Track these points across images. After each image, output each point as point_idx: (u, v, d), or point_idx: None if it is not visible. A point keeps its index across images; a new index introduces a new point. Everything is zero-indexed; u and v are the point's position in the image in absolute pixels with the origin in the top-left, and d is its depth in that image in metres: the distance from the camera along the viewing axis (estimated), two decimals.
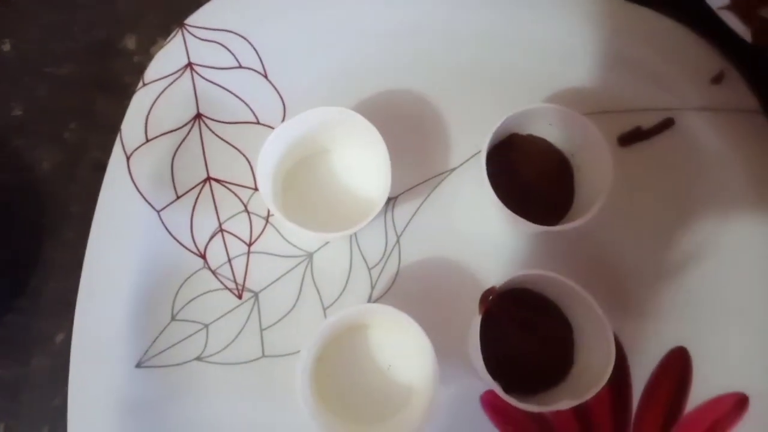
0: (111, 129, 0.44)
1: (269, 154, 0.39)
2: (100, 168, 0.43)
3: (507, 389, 0.36)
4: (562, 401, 0.36)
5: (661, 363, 0.42)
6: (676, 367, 0.42)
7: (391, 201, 0.44)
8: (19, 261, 0.44)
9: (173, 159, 0.43)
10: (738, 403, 0.41)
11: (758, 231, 0.43)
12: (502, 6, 0.46)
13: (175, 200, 0.43)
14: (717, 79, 0.45)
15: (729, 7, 0.43)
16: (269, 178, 0.40)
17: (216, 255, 0.43)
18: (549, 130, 0.43)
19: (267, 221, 0.43)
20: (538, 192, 0.42)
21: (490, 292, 0.38)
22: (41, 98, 0.47)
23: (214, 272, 0.43)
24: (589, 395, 0.36)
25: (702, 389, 0.41)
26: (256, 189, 0.44)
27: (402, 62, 0.46)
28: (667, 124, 0.45)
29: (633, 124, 0.45)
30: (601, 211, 0.39)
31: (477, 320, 0.37)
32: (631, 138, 0.45)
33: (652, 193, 0.44)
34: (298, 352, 0.38)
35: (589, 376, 0.37)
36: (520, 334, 0.40)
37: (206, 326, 0.42)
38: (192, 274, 0.42)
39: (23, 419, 0.42)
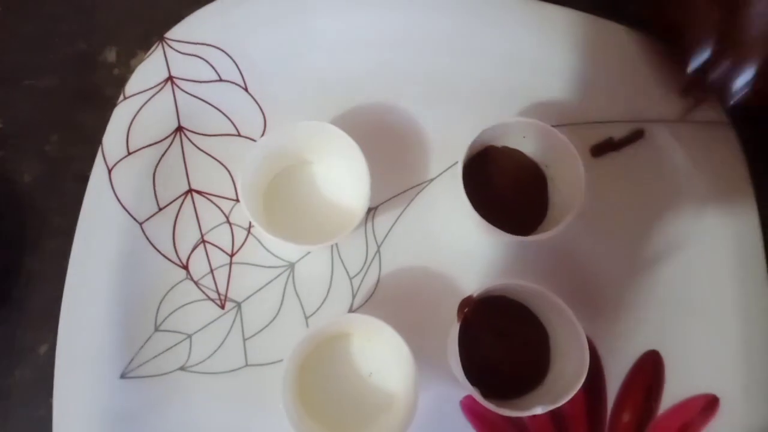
0: (92, 141, 0.44)
1: (250, 167, 0.40)
2: (82, 180, 0.43)
3: (485, 394, 0.37)
4: (538, 406, 0.37)
5: (634, 366, 0.43)
6: (649, 370, 0.43)
7: (371, 211, 0.45)
8: (1, 272, 0.44)
9: (155, 171, 0.44)
10: (709, 404, 0.42)
11: (725, 238, 0.45)
12: (476, 20, 0.47)
13: (158, 212, 0.43)
14: (686, 92, 0.46)
15: None
16: (251, 191, 0.40)
17: (198, 266, 0.43)
18: (523, 142, 0.44)
19: (249, 232, 0.44)
20: (513, 202, 0.43)
21: (467, 300, 0.39)
22: (22, 111, 0.47)
23: (196, 283, 0.43)
24: (564, 400, 0.37)
25: (674, 391, 0.43)
26: (237, 200, 0.44)
27: (380, 74, 0.47)
28: (637, 135, 0.46)
29: (604, 135, 0.46)
30: (574, 220, 0.40)
31: (455, 328, 0.38)
32: (602, 149, 0.46)
33: (623, 202, 0.45)
34: (281, 360, 0.38)
35: (564, 381, 0.38)
36: (497, 341, 0.41)
37: (189, 336, 0.42)
38: (175, 285, 0.43)
39: (7, 431, 0.42)
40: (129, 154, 0.43)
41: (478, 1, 0.47)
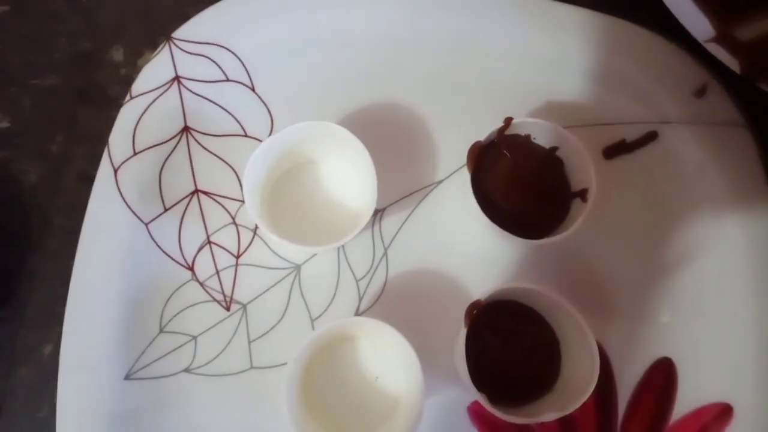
0: (97, 141, 0.44)
1: (256, 167, 0.39)
2: (86, 179, 0.43)
3: (493, 400, 0.37)
4: (547, 413, 0.36)
5: (646, 373, 0.42)
6: (662, 377, 0.42)
7: (379, 213, 0.44)
8: (3, 272, 0.44)
9: (161, 171, 0.43)
10: (722, 413, 0.42)
11: (740, 242, 0.44)
12: (486, 20, 0.46)
13: (163, 212, 0.43)
14: (700, 93, 0.45)
15: (715, 40, 0.44)
16: (256, 191, 0.40)
17: (204, 267, 0.43)
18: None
19: (255, 233, 0.44)
20: (524, 205, 0.42)
21: (475, 304, 0.38)
22: (27, 110, 0.47)
23: (202, 284, 0.43)
24: (574, 407, 0.36)
25: (687, 399, 0.42)
26: (243, 201, 0.43)
27: (388, 74, 0.46)
28: (650, 137, 0.45)
29: (617, 137, 0.45)
30: (585, 223, 0.39)
31: (463, 332, 0.38)
32: (615, 151, 0.45)
33: (636, 205, 0.45)
34: (287, 363, 0.38)
35: (574, 388, 0.38)
36: (506, 346, 0.40)
37: (194, 338, 0.42)
38: (180, 286, 0.43)
39: (9, 431, 0.42)
40: (135, 154, 0.43)
41: None
